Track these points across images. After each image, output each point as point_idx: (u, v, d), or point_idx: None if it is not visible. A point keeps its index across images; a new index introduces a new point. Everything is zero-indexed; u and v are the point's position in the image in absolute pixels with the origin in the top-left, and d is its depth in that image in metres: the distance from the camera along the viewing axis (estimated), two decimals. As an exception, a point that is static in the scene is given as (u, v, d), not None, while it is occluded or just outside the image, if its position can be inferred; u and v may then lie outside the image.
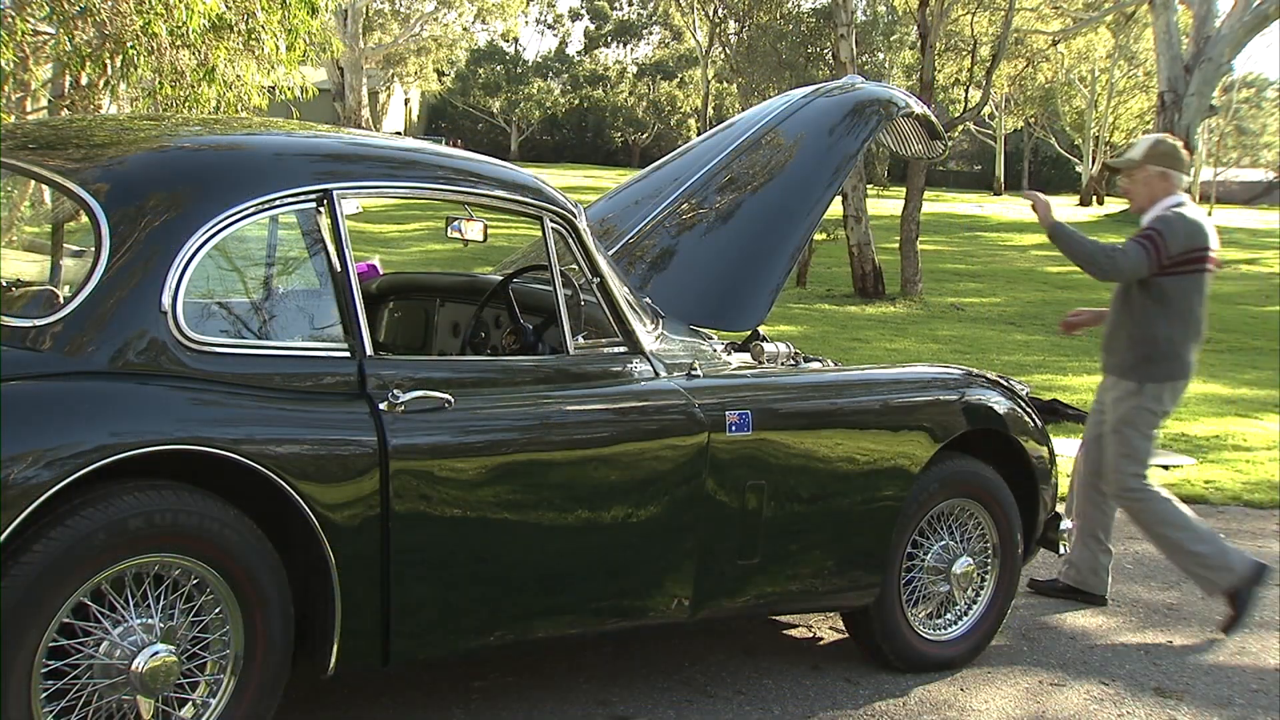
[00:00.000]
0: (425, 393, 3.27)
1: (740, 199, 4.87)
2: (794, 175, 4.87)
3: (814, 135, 4.96)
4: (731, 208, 4.85)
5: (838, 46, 17.20)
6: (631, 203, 5.11)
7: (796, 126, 5.03)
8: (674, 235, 4.88)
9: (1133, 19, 38.33)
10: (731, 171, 4.94)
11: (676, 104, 63.42)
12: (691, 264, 4.79)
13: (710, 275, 4.73)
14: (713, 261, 4.77)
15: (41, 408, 2.80)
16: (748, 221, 4.79)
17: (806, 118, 5.05)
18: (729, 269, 4.73)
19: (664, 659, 4.28)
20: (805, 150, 4.94)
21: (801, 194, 4.77)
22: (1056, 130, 51.55)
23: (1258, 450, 8.38)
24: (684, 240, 4.86)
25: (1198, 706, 4.28)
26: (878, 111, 4.99)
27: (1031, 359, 11.73)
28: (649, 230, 4.88)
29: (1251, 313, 17.28)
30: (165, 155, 3.30)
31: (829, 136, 4.93)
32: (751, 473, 3.86)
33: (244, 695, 3.06)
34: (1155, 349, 5.03)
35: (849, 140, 4.90)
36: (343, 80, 36.74)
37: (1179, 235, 4.94)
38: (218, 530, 2.95)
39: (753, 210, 4.82)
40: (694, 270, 4.76)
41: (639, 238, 4.86)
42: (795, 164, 4.91)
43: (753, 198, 4.86)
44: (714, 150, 5.11)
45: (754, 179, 4.91)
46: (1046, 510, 4.65)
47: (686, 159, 5.25)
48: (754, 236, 4.72)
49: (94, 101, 9.59)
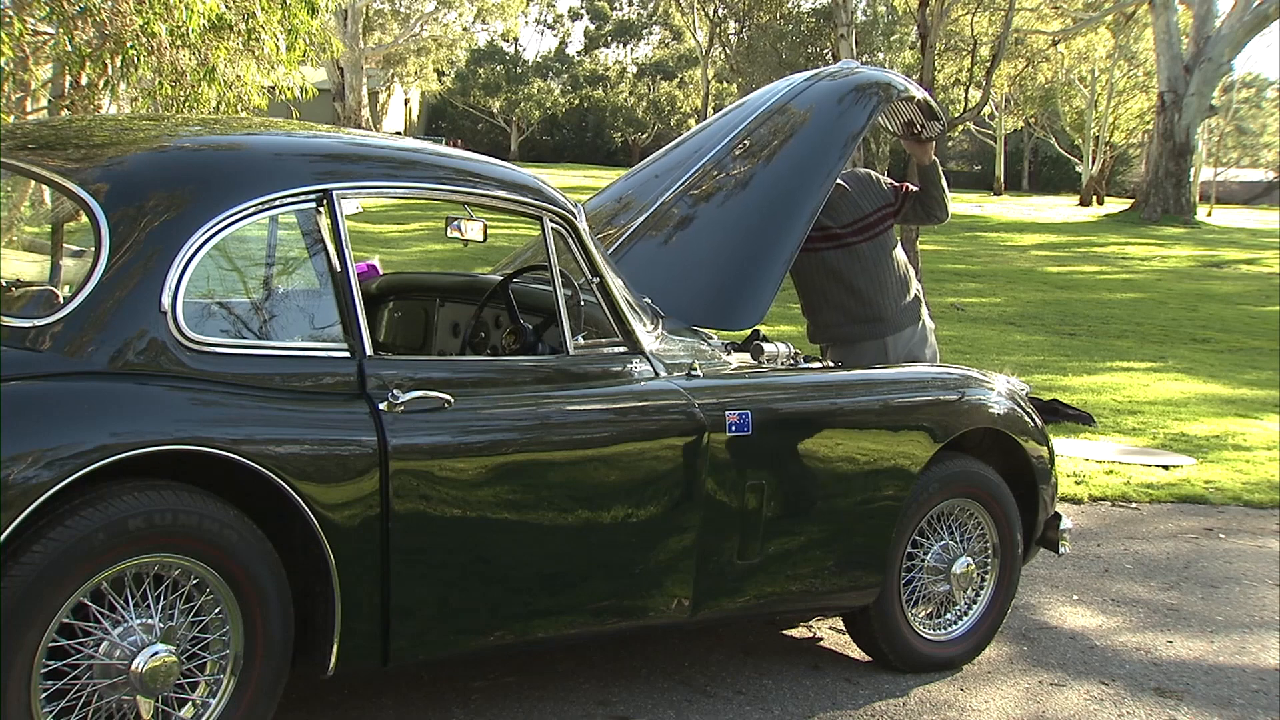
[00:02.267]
0: (425, 393, 3.27)
1: (737, 194, 4.86)
2: (792, 167, 4.85)
3: (814, 120, 4.95)
4: (728, 204, 4.84)
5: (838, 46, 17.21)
6: (621, 200, 5.10)
7: (796, 111, 5.01)
8: (669, 234, 4.87)
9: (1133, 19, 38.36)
10: (727, 165, 4.93)
11: (676, 104, 63.44)
12: (689, 263, 4.78)
13: (709, 274, 4.73)
14: (711, 260, 4.76)
15: (41, 408, 2.80)
16: (745, 219, 4.78)
17: (806, 102, 5.04)
18: (728, 267, 4.72)
19: (664, 659, 4.28)
20: (804, 137, 4.93)
21: (799, 189, 4.75)
22: (1056, 130, 51.54)
23: (1258, 450, 8.38)
24: (680, 239, 4.85)
25: (1198, 706, 4.28)
26: (876, 94, 4.98)
27: (1031, 359, 11.73)
28: (644, 228, 4.88)
29: (1251, 313, 17.28)
30: (165, 155, 3.30)
31: (830, 120, 4.92)
32: (751, 473, 3.86)
33: (244, 695, 3.06)
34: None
35: (849, 122, 4.88)
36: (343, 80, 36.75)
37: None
38: (217, 530, 2.95)
39: (751, 206, 4.81)
40: (692, 269, 4.75)
41: (633, 238, 4.85)
42: (794, 151, 4.89)
43: (749, 193, 4.84)
44: (711, 141, 5.09)
45: (751, 172, 4.89)
46: (1046, 510, 4.65)
47: (683, 149, 5.23)
48: (753, 227, 4.70)
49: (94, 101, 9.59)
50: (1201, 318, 16.46)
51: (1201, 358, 12.94)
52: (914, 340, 5.18)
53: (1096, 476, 7.29)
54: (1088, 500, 6.87)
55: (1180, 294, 18.92)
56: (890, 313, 5.17)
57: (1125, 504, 6.89)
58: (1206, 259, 24.70)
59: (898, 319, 5.17)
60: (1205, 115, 32.05)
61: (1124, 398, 10.05)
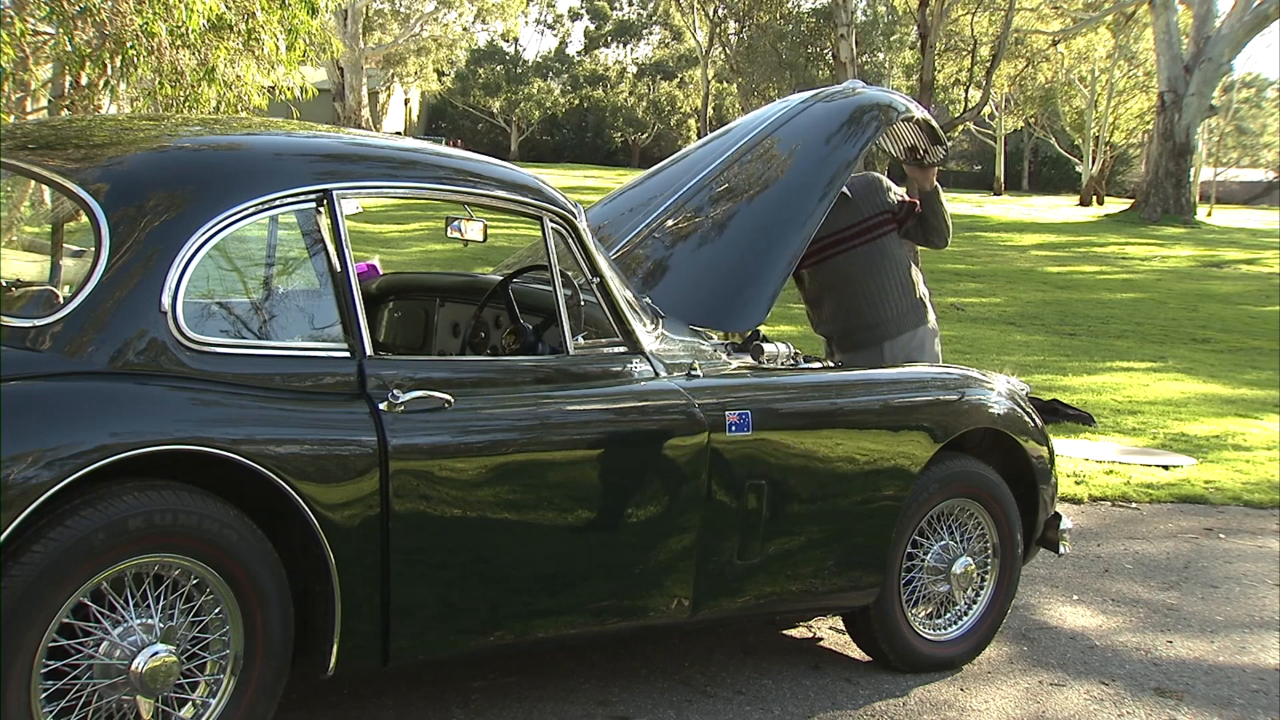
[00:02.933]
0: (425, 393, 3.27)
1: (738, 204, 4.87)
2: (793, 180, 4.86)
3: (812, 141, 4.95)
4: (729, 212, 4.84)
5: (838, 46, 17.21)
6: (625, 210, 5.11)
7: (794, 132, 5.02)
8: (670, 241, 4.87)
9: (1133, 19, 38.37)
10: (728, 177, 4.94)
11: (676, 104, 63.47)
12: (690, 268, 4.78)
13: (709, 277, 4.73)
14: (711, 264, 4.76)
15: (41, 408, 2.80)
16: (745, 227, 4.78)
17: (804, 124, 5.04)
18: (728, 270, 4.72)
19: (664, 659, 4.28)
20: (802, 156, 4.93)
21: (800, 198, 4.75)
22: (1056, 130, 51.57)
23: (1258, 450, 8.38)
24: (680, 246, 4.86)
25: (1198, 706, 4.28)
26: (876, 117, 4.98)
27: (1031, 359, 11.73)
28: (644, 237, 4.88)
29: (1251, 313, 17.28)
30: (165, 155, 3.30)
31: (826, 144, 4.92)
32: (751, 473, 3.86)
33: (244, 695, 3.06)
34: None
35: (847, 147, 4.88)
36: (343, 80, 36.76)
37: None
38: (217, 530, 2.95)
39: (751, 216, 4.82)
40: (693, 273, 4.75)
41: (632, 245, 4.86)
42: (793, 169, 4.91)
43: (750, 203, 4.85)
44: (710, 156, 5.10)
45: (751, 184, 4.90)
46: (1046, 510, 4.65)
47: (682, 165, 5.24)
48: (752, 242, 4.71)
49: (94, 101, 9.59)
50: (1201, 318, 16.46)
51: (1201, 358, 12.94)
52: (912, 344, 5.18)
53: (1096, 476, 7.29)
54: (1088, 500, 6.87)
55: (1180, 294, 18.92)
56: (887, 315, 5.17)
57: (1125, 504, 6.89)
58: (1206, 259, 24.70)
59: (896, 322, 5.18)
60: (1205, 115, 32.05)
61: (1124, 398, 10.05)
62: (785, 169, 4.91)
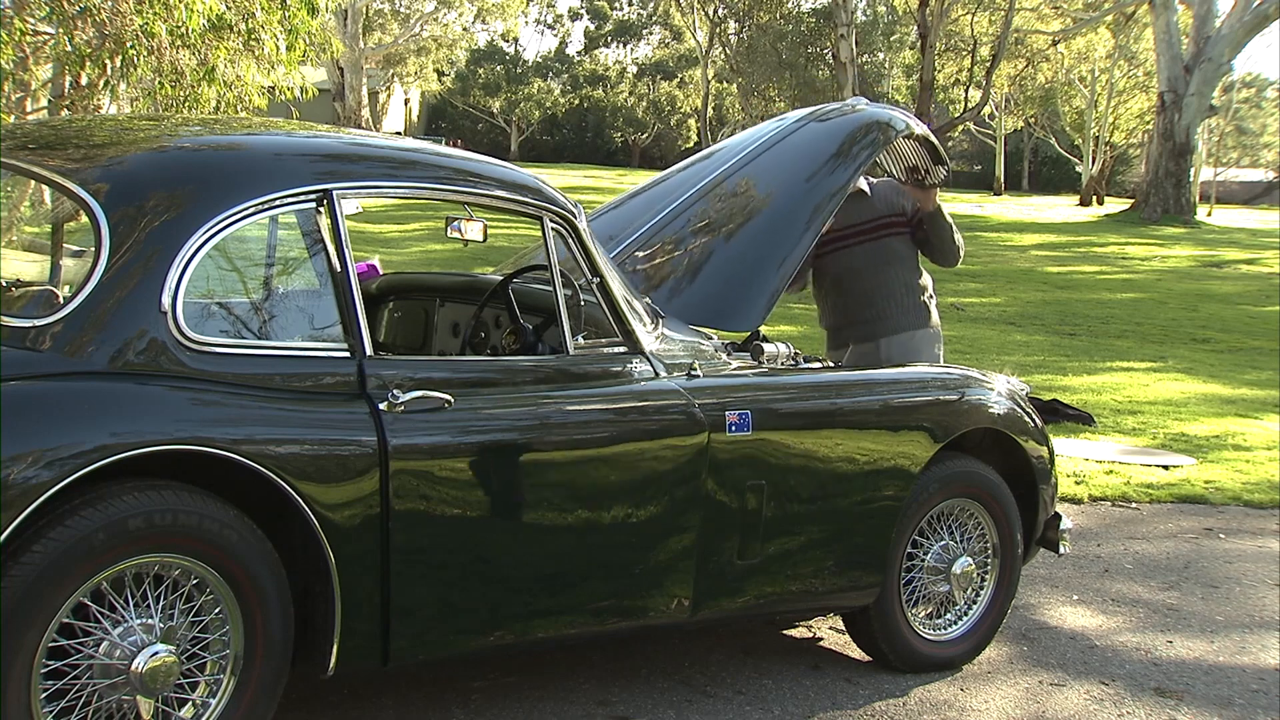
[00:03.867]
0: (425, 393, 3.27)
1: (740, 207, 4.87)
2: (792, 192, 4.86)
3: (809, 158, 4.95)
4: (731, 216, 4.84)
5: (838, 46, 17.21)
6: (626, 219, 5.11)
7: (798, 143, 5.02)
8: (672, 246, 4.88)
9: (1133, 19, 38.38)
10: (728, 188, 4.95)
11: (676, 104, 63.49)
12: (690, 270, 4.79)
13: (710, 278, 4.73)
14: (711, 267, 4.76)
15: (41, 408, 2.80)
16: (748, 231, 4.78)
17: (800, 141, 5.04)
18: (730, 271, 4.72)
19: (664, 659, 4.28)
20: (799, 172, 4.93)
21: (799, 209, 4.75)
22: (1056, 130, 51.58)
23: (1258, 450, 8.38)
24: (681, 250, 4.86)
25: (1198, 706, 4.28)
26: (875, 136, 4.97)
27: (1031, 359, 11.73)
28: (645, 241, 4.89)
29: (1251, 313, 17.28)
30: (165, 155, 3.30)
31: (824, 162, 4.92)
32: (751, 473, 3.86)
33: (244, 695, 3.06)
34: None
35: (846, 165, 4.87)
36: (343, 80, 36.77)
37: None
38: (217, 530, 2.95)
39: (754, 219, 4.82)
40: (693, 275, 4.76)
41: (633, 249, 4.86)
42: (795, 179, 4.91)
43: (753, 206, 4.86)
44: (708, 169, 5.11)
45: (753, 190, 4.91)
46: (1046, 510, 4.65)
47: (683, 175, 5.25)
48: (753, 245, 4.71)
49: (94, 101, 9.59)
50: (1201, 318, 16.45)
51: (1201, 358, 12.94)
52: (911, 344, 5.19)
53: (1096, 476, 7.29)
54: (1088, 500, 6.87)
55: (1180, 294, 18.92)
56: (887, 312, 5.19)
57: (1125, 504, 6.89)
58: (1206, 259, 24.69)
59: (895, 320, 5.19)
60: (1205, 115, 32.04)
61: (1124, 398, 10.05)
62: (788, 178, 4.91)
